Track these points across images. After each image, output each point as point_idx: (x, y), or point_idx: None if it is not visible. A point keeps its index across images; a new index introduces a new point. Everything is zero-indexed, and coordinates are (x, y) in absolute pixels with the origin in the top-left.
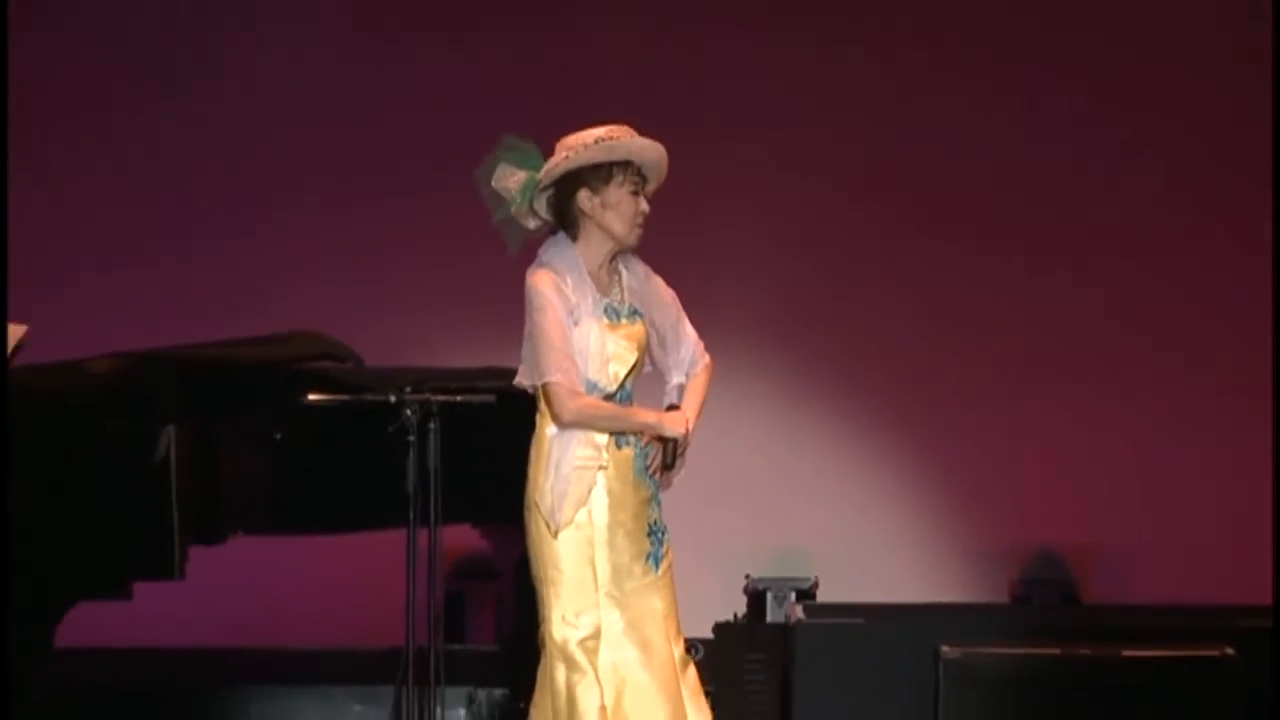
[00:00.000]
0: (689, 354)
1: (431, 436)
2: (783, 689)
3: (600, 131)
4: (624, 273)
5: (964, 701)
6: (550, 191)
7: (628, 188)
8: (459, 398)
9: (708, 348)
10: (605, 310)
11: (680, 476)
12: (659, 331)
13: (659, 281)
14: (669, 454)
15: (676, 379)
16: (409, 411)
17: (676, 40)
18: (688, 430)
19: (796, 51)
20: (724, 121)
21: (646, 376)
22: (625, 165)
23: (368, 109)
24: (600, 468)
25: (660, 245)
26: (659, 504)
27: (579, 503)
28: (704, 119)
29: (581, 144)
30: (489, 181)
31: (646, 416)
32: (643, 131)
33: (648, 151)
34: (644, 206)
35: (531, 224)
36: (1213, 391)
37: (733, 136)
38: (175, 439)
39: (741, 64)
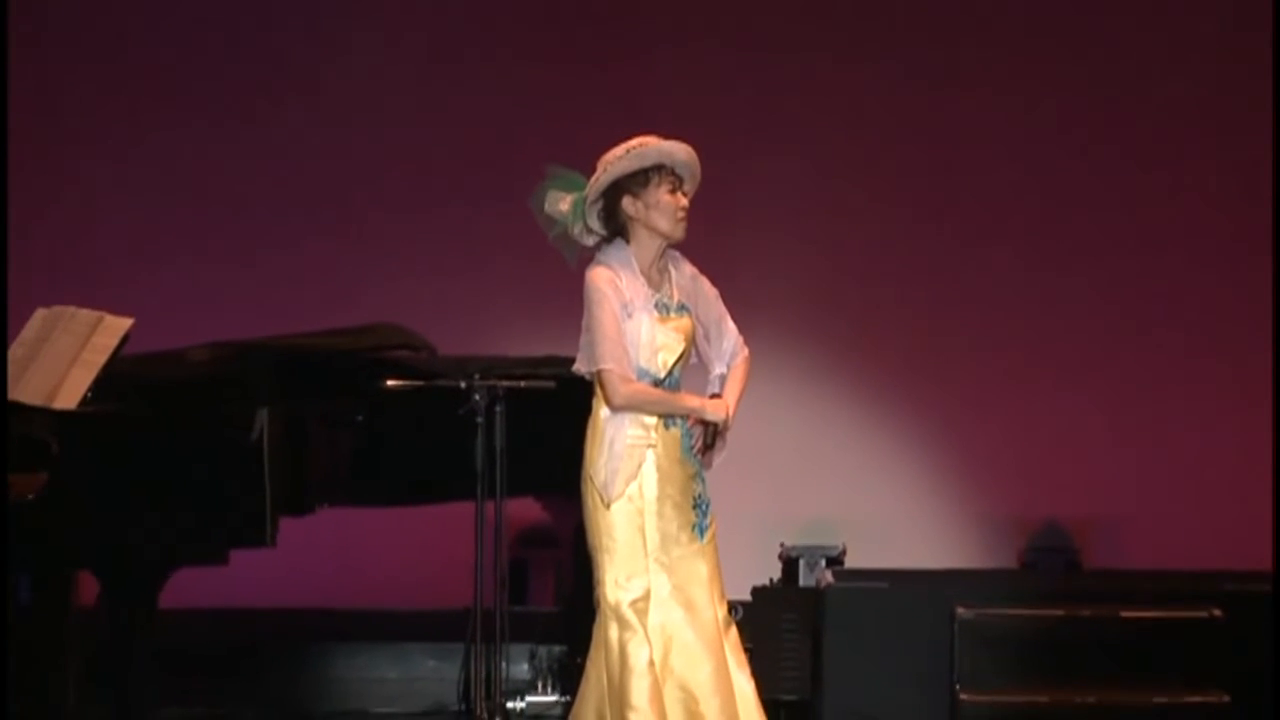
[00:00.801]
0: (730, 346)
1: (497, 418)
2: (814, 646)
3: (632, 143)
4: (673, 272)
5: (977, 657)
6: (599, 205)
7: (665, 187)
8: (522, 383)
9: (746, 339)
10: (656, 305)
11: (722, 457)
12: (704, 325)
13: (704, 281)
14: (710, 436)
15: (719, 369)
16: (477, 396)
17: (713, 59)
18: (728, 415)
19: (822, 66)
20: (757, 136)
21: (692, 367)
22: (659, 168)
23: (444, 124)
24: (649, 446)
25: (703, 245)
26: (703, 480)
27: (630, 478)
28: (740, 134)
29: (615, 157)
30: (543, 207)
31: (691, 401)
32: (684, 140)
33: (677, 152)
34: (683, 201)
35: (590, 240)
36: (1207, 375)
37: (765, 150)
38: (268, 421)
39: (773, 80)
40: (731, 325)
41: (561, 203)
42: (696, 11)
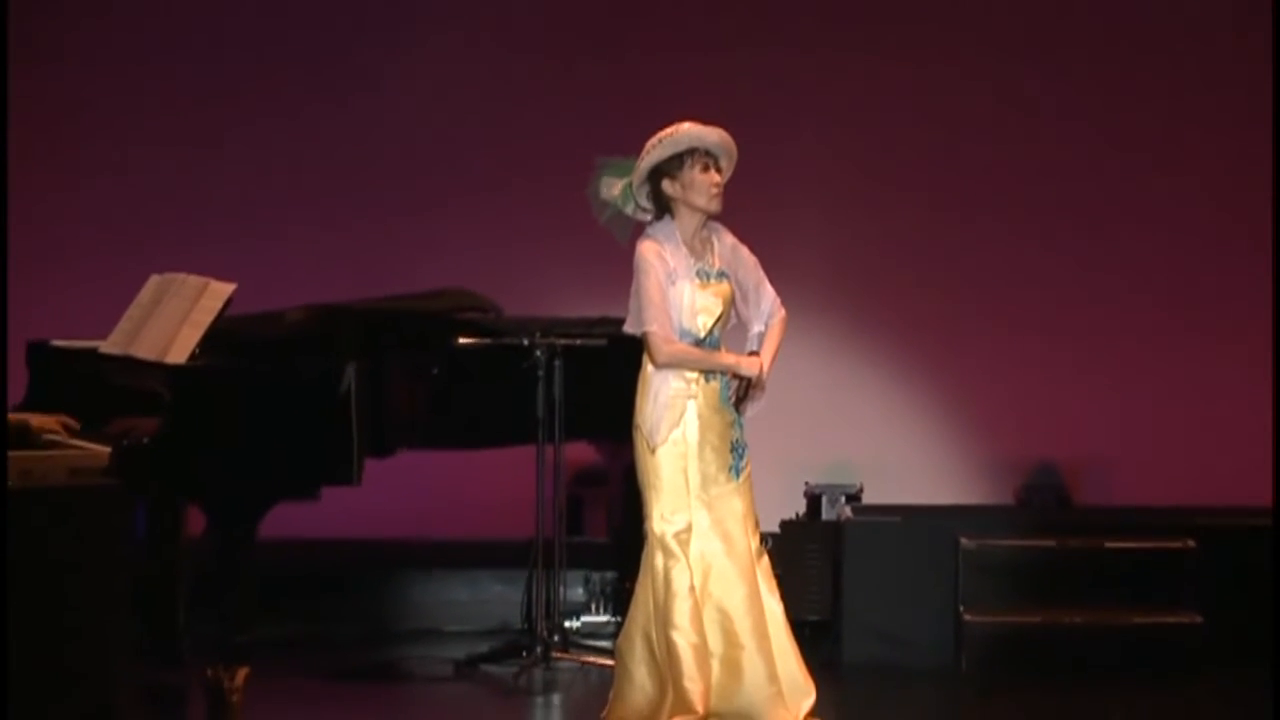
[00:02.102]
0: (767, 308)
1: (556, 372)
2: (835, 572)
3: (666, 131)
4: (715, 242)
5: (978, 583)
6: (646, 188)
7: (698, 167)
8: (578, 341)
9: (782, 303)
10: (697, 273)
11: (761, 405)
12: (743, 289)
13: (744, 249)
14: (744, 388)
15: (757, 328)
16: (538, 352)
17: (753, 52)
18: (762, 370)
19: (848, 58)
20: (793, 124)
21: (734, 327)
22: (692, 151)
23: (507, 118)
24: (690, 397)
25: (743, 216)
26: (741, 426)
27: (672, 425)
28: (780, 123)
29: (652, 145)
30: (598, 194)
31: (727, 359)
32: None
33: (707, 135)
34: (716, 178)
35: (646, 217)
36: (1184, 333)
37: (798, 135)
38: (355, 374)
39: (806, 70)
40: (769, 289)
41: (613, 188)
42: (735, 13)
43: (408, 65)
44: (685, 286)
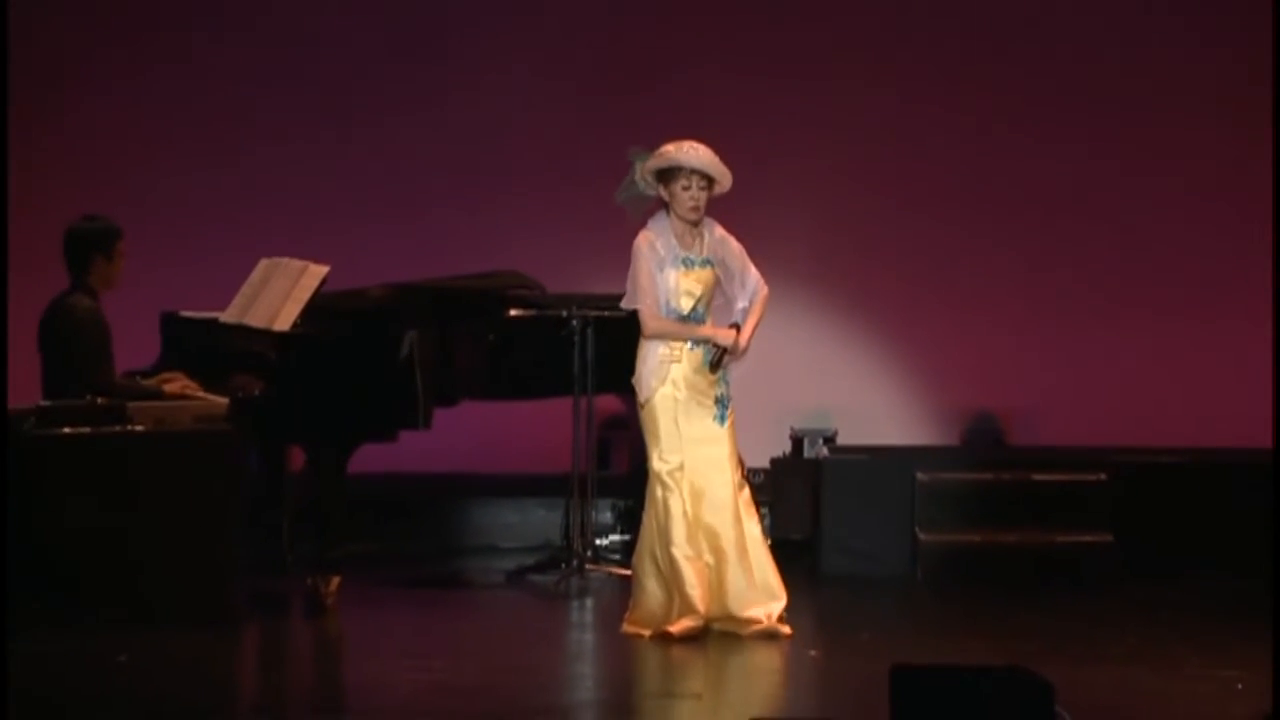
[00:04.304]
0: (752, 287)
1: (588, 338)
2: (814, 501)
3: (666, 147)
4: (706, 235)
5: (932, 510)
6: (659, 184)
7: (681, 184)
8: (606, 313)
9: (771, 271)
10: (683, 261)
11: (735, 366)
12: (729, 273)
13: (732, 240)
14: (718, 355)
15: (741, 304)
16: (574, 322)
17: (765, 60)
18: (739, 340)
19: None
20: (788, 126)
21: (723, 305)
22: (678, 169)
23: (550, 132)
24: (674, 362)
25: (743, 213)
26: (727, 383)
27: (660, 384)
28: (774, 125)
29: (659, 153)
30: (636, 178)
31: (704, 331)
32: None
33: (687, 158)
34: (695, 197)
35: (653, 193)
36: (1106, 301)
37: (792, 142)
38: (420, 340)
39: (793, 85)
40: (754, 271)
41: (637, 174)
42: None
43: (470, 86)
44: (671, 272)
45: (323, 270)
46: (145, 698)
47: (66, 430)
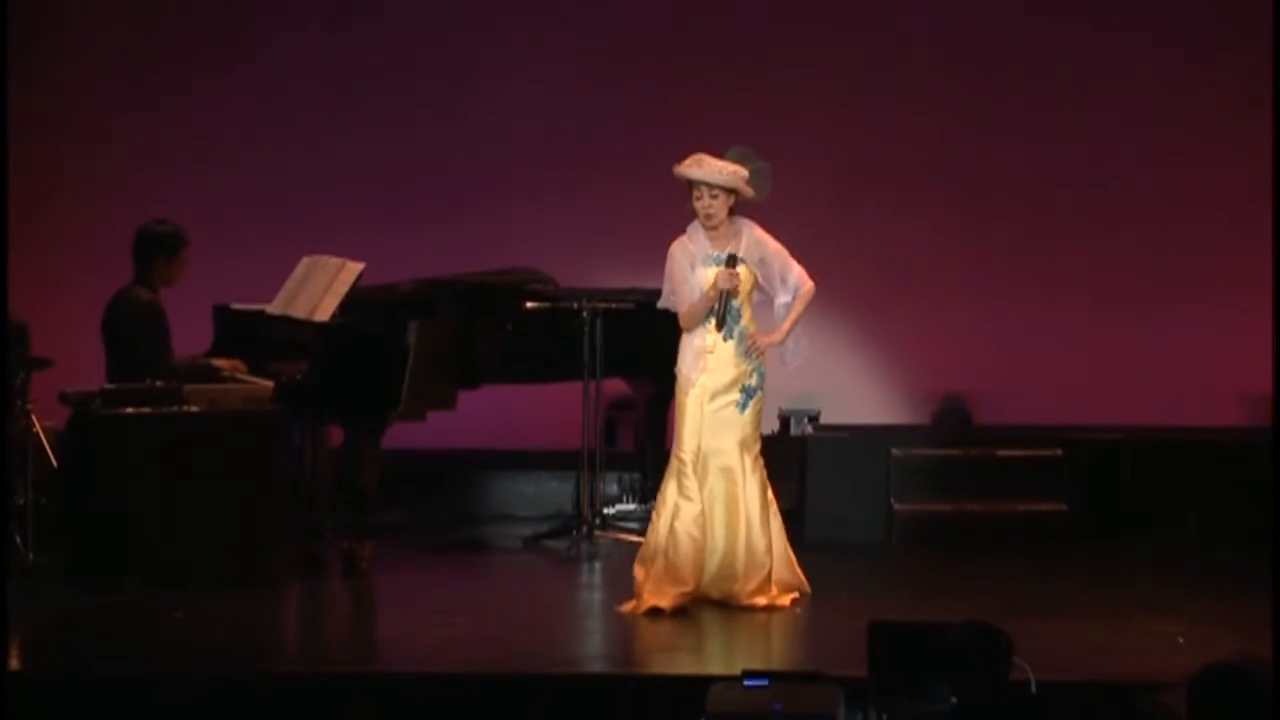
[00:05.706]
0: (794, 283)
1: (598, 327)
2: (800, 473)
3: (685, 161)
4: (744, 236)
5: (905, 482)
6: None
7: (694, 194)
8: (613, 305)
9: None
10: (714, 260)
11: (800, 354)
12: (769, 271)
13: (770, 239)
14: (722, 307)
15: (783, 299)
16: (584, 313)
17: (796, 54)
18: (773, 333)
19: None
20: (782, 132)
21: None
22: (690, 181)
23: (563, 141)
24: (709, 353)
25: (743, 212)
26: (762, 375)
27: (698, 375)
28: (773, 132)
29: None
30: (751, 167)
31: (711, 290)
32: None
33: (691, 173)
34: (705, 209)
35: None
36: (1065, 290)
37: (786, 148)
38: (420, 330)
39: (794, 87)
40: (796, 268)
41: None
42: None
43: (489, 103)
44: (702, 270)
45: (358, 266)
46: (200, 648)
47: (129, 410)
